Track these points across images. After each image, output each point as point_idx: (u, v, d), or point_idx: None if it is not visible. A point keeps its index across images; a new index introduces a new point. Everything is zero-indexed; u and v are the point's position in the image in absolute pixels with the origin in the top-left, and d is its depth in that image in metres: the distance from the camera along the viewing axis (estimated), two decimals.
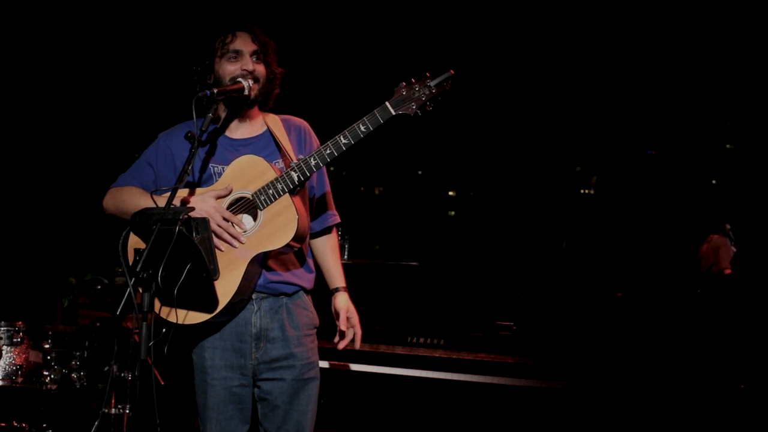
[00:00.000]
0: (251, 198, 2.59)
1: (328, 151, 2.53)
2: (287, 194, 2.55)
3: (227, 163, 2.70)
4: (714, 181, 5.48)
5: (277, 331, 2.69)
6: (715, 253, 4.29)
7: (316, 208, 2.87)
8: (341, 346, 2.89)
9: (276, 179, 2.55)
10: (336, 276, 2.92)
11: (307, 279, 2.78)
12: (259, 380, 2.71)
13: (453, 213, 7.03)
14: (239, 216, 2.63)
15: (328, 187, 2.91)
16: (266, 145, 2.76)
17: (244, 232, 2.59)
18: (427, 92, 2.54)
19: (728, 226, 4.41)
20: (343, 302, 2.88)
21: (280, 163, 2.68)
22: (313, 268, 2.85)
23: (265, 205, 2.57)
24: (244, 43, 2.74)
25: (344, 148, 2.54)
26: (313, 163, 2.54)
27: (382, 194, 7.04)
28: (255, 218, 2.60)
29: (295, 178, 2.55)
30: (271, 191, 2.55)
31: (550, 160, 6.13)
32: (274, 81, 2.80)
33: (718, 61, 5.22)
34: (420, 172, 6.75)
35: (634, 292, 4.35)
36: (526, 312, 4.08)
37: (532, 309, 4.12)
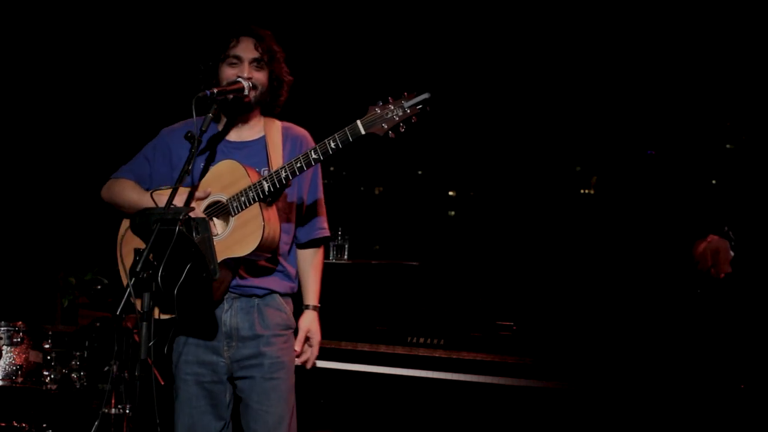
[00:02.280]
0: (225, 203, 2.61)
1: (298, 165, 2.53)
2: (257, 203, 2.57)
3: (214, 164, 2.73)
4: (714, 181, 5.48)
5: (247, 330, 2.71)
6: (714, 255, 4.26)
7: (303, 218, 2.87)
8: (297, 362, 2.88)
9: (249, 187, 2.57)
10: (309, 293, 2.91)
11: (280, 284, 2.78)
12: (235, 379, 2.74)
13: (453, 213, 7.02)
14: (213, 219, 2.66)
15: (318, 197, 2.89)
16: (258, 152, 2.77)
17: (216, 236, 2.61)
18: (401, 113, 2.44)
19: (727, 229, 4.39)
20: (306, 322, 2.87)
21: (266, 172, 2.69)
22: (293, 275, 2.84)
23: (237, 212, 2.60)
24: (245, 50, 2.74)
25: (314, 164, 2.54)
26: (283, 174, 2.54)
27: (382, 194, 7.03)
28: (227, 223, 2.63)
29: (266, 188, 2.56)
30: (243, 198, 2.58)
31: (550, 160, 6.12)
32: (279, 89, 2.80)
33: (718, 61, 5.21)
34: (420, 172, 6.74)
35: (635, 292, 4.35)
36: (526, 312, 4.08)
37: (532, 309, 4.12)
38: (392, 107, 2.46)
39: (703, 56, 5.25)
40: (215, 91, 2.60)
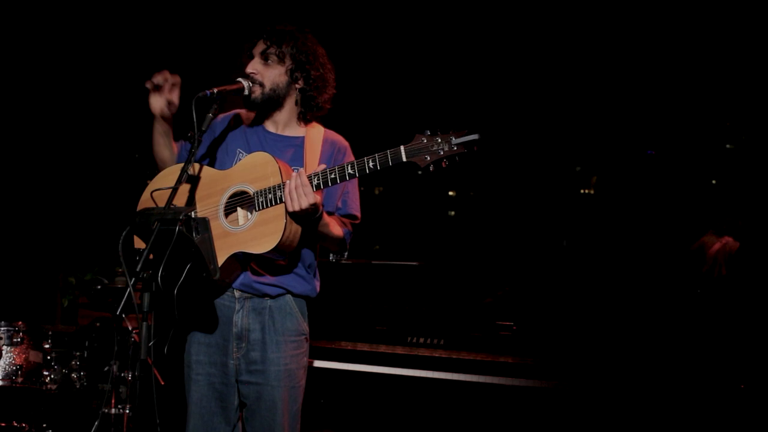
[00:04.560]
0: (252, 196, 2.59)
1: (332, 176, 2.49)
2: (284, 204, 2.53)
3: (249, 152, 2.72)
4: (714, 181, 5.48)
5: (257, 333, 2.69)
6: (728, 256, 4.22)
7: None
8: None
9: (278, 186, 2.53)
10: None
11: (295, 285, 2.73)
12: (239, 382, 2.71)
13: (453, 213, 7.02)
14: (237, 209, 2.64)
15: (351, 211, 2.81)
16: (296, 150, 2.74)
17: (237, 227, 2.60)
18: (446, 148, 2.40)
19: (741, 223, 4.33)
20: None
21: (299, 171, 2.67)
22: (310, 279, 2.79)
23: (261, 208, 2.56)
24: (257, 46, 2.74)
25: (348, 178, 2.49)
26: (315, 182, 2.49)
27: (382, 194, 7.03)
28: (249, 216, 2.61)
29: None
30: (270, 196, 2.55)
31: (550, 160, 6.13)
32: (306, 83, 2.74)
33: (718, 61, 5.21)
34: (420, 172, 6.71)
35: (635, 292, 4.35)
36: (526, 312, 4.08)
37: (532, 309, 4.12)
38: (439, 140, 2.41)
39: (703, 56, 5.25)
40: (215, 90, 2.59)
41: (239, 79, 2.70)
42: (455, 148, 2.40)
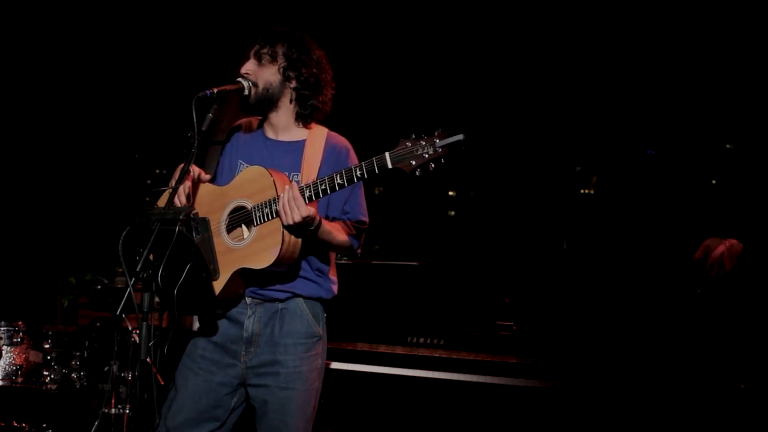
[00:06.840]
0: (249, 211, 2.59)
1: (323, 186, 2.48)
2: (279, 218, 2.52)
3: (249, 162, 2.72)
4: (714, 181, 5.48)
5: (267, 336, 2.68)
6: (732, 258, 4.20)
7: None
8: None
9: (274, 200, 2.52)
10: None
11: (304, 288, 2.73)
12: (249, 386, 2.71)
13: (453, 213, 7.02)
14: (242, 226, 2.64)
15: (360, 218, 2.77)
16: (294, 155, 2.73)
17: (240, 242, 2.60)
18: (431, 151, 2.35)
19: (744, 226, 4.32)
20: None
21: (297, 177, 2.66)
22: (319, 280, 2.78)
23: (259, 222, 2.56)
24: (253, 47, 2.74)
25: (338, 188, 2.47)
26: (307, 194, 2.48)
27: (382, 194, 7.02)
28: (249, 231, 2.60)
29: None
30: (266, 210, 2.54)
31: (550, 160, 6.12)
32: (299, 84, 2.72)
33: (718, 61, 5.21)
34: (419, 172, 6.70)
35: (635, 292, 4.35)
36: (526, 312, 4.08)
37: (532, 309, 4.12)
38: (423, 143, 2.36)
39: (702, 56, 5.25)
40: (215, 90, 2.60)
41: (239, 79, 2.71)
42: (440, 150, 2.35)
